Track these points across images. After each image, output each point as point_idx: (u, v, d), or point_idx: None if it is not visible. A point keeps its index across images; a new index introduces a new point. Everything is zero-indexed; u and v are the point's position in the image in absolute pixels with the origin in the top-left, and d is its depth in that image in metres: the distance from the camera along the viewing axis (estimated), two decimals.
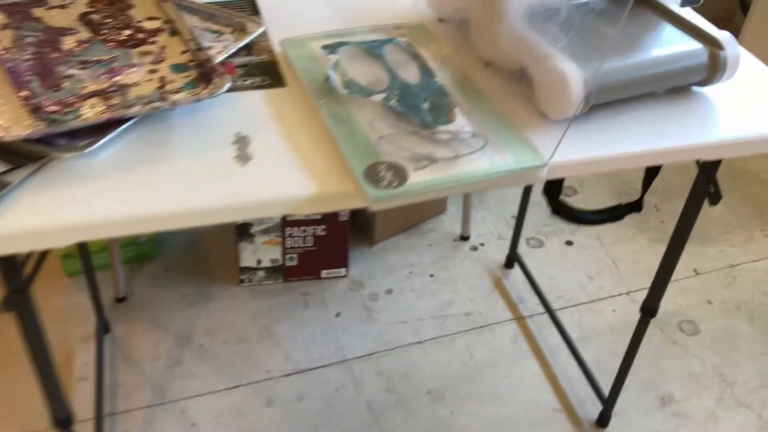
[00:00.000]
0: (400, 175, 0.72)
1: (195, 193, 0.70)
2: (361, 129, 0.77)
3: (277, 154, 0.75)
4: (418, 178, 0.72)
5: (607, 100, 0.83)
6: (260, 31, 0.93)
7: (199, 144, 0.76)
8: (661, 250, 1.00)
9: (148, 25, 0.92)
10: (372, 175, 0.72)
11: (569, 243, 1.74)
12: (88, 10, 0.95)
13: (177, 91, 0.80)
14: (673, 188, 1.92)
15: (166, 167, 0.73)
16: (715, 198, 0.92)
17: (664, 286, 1.08)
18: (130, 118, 0.76)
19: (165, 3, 0.94)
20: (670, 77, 0.85)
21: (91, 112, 0.76)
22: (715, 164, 0.94)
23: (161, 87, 0.81)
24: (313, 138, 0.78)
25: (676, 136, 0.82)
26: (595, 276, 1.67)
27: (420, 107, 0.80)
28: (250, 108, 0.82)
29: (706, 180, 0.90)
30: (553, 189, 0.95)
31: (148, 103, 0.78)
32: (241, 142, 0.77)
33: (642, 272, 1.68)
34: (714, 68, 0.86)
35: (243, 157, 0.75)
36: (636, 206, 0.95)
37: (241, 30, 0.95)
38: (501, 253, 1.70)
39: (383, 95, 0.81)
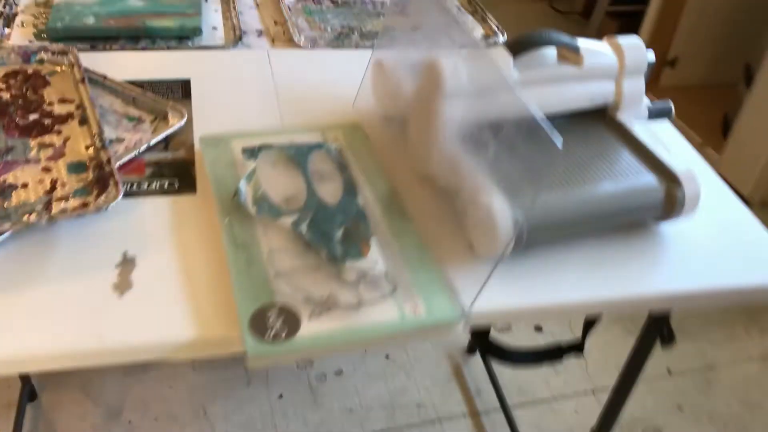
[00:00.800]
0: (290, 323, 0.63)
1: (57, 330, 0.62)
2: (261, 259, 0.69)
3: (162, 283, 0.67)
4: (311, 330, 0.63)
5: (544, 239, 0.75)
6: (180, 124, 0.85)
7: (79, 264, 0.68)
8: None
9: (59, 108, 0.84)
10: (259, 321, 0.63)
11: (539, 329, 1.65)
12: (0, 86, 0.87)
13: (65, 198, 0.72)
14: None
15: (33, 295, 0.64)
16: (668, 341, 0.83)
17: (613, 420, 0.98)
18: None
19: (82, 84, 0.87)
20: (617, 215, 0.77)
21: None
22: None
23: (50, 191, 0.73)
24: (209, 263, 0.69)
25: (620, 283, 0.73)
26: (561, 368, 1.57)
27: (332, 235, 0.71)
28: (148, 219, 0.74)
29: (657, 326, 0.81)
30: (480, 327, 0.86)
31: (29, 212, 0.70)
32: (126, 264, 0.69)
33: (611, 367, 1.58)
34: (670, 207, 0.77)
35: (123, 285, 0.66)
36: (577, 348, 0.87)
37: (164, 118, 0.87)
38: (465, 334, 1.61)
39: (294, 217, 0.73)
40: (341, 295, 0.66)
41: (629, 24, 2.81)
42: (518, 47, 0.77)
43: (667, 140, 0.95)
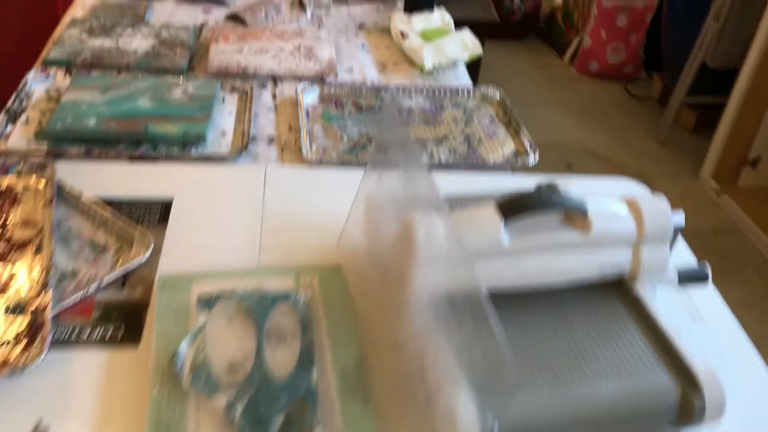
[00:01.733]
0: None
1: None
2: None
3: None
4: None
5: None
6: (140, 260, 0.78)
7: None
8: None
9: (19, 233, 0.79)
10: None
11: None
12: None
13: None
14: None
15: None
16: None
17: None
18: None
19: (48, 207, 0.81)
20: (616, 421, 0.63)
21: None
22: None
23: None
24: None
25: None
26: None
27: (270, 423, 0.61)
28: (76, 378, 0.66)
29: None
30: None
31: None
32: None
33: None
34: (686, 414, 0.63)
35: None
36: None
37: (129, 248, 0.80)
38: None
39: (231, 395, 0.63)
40: None
41: (708, 116, 2.64)
42: (511, 211, 0.66)
43: (704, 307, 0.81)
